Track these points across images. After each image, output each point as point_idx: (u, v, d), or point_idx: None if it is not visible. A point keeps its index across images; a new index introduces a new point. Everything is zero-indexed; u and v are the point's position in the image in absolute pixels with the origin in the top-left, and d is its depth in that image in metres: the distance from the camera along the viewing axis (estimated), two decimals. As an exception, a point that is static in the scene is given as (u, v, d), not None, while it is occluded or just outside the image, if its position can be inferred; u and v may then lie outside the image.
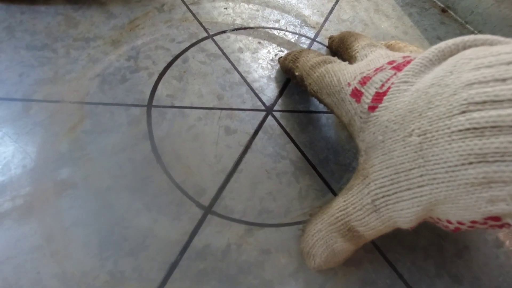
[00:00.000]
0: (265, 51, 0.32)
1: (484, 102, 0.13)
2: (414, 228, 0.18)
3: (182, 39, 0.32)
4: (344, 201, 0.20)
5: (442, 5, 0.40)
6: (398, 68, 0.19)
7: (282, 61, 0.30)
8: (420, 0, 0.40)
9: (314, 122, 0.29)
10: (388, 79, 0.19)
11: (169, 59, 0.30)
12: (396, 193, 0.16)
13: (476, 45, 0.17)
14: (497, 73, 0.13)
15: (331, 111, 0.23)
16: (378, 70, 0.20)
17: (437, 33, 0.37)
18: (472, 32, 0.38)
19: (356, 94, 0.20)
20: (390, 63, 0.20)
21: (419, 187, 0.15)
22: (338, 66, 0.23)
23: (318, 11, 0.37)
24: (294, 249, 0.23)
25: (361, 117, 0.19)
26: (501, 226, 0.15)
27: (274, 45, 0.33)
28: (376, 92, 0.19)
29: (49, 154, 0.24)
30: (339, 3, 0.39)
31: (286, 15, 0.36)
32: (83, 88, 0.27)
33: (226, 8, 0.35)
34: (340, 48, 0.29)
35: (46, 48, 0.28)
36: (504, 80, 0.13)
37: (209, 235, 0.22)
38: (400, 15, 0.38)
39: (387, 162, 0.17)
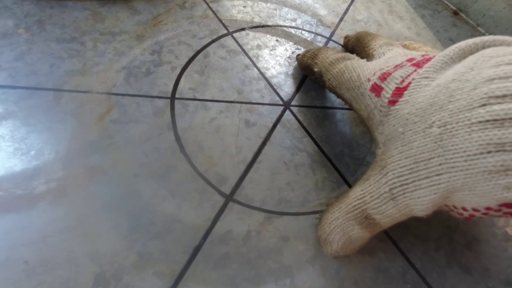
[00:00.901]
0: (282, 48, 0.34)
1: (505, 95, 0.14)
2: (428, 216, 0.19)
3: (203, 35, 0.33)
4: (362, 190, 0.21)
5: (454, 8, 0.41)
6: (418, 65, 0.20)
7: (300, 58, 0.31)
8: (433, 3, 0.41)
9: (330, 117, 0.30)
10: (409, 75, 0.20)
11: (191, 54, 0.31)
12: (414, 181, 0.18)
13: (495, 45, 0.18)
14: None
15: (349, 105, 0.24)
16: (397, 66, 0.21)
17: (449, 35, 0.38)
18: (483, 35, 0.39)
19: (376, 89, 0.21)
20: (409, 60, 0.21)
21: (437, 175, 0.16)
22: (357, 63, 0.24)
23: (333, 11, 0.38)
24: (311, 237, 0.24)
25: (380, 111, 0.20)
26: None
27: (291, 43, 0.34)
28: (397, 87, 0.20)
29: (80, 141, 0.25)
30: (354, 3, 0.40)
31: (303, 14, 0.37)
32: (110, 80, 0.28)
33: (244, 7, 0.36)
34: (357, 47, 0.30)
35: (75, 41, 0.30)
36: None
37: (231, 222, 0.24)
38: (413, 17, 0.39)
39: (406, 153, 0.18)
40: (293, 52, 0.33)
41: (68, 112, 0.26)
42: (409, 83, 0.19)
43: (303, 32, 0.35)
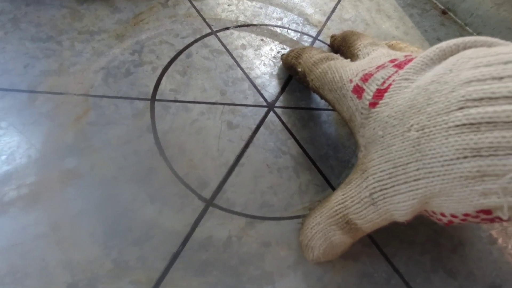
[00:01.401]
0: (267, 48, 0.33)
1: (481, 99, 0.14)
2: (409, 221, 0.18)
3: (186, 34, 0.32)
4: (343, 194, 0.20)
5: (442, 7, 0.41)
6: (399, 66, 0.19)
7: (284, 58, 0.30)
8: (421, 2, 0.41)
9: (315, 118, 0.29)
10: (390, 77, 0.19)
11: (173, 54, 0.30)
12: (393, 186, 0.17)
13: (476, 46, 0.17)
14: (494, 72, 0.14)
15: (332, 107, 0.24)
16: (380, 67, 0.21)
17: (438, 34, 0.38)
18: (471, 34, 0.39)
19: (358, 91, 0.21)
20: (392, 61, 0.21)
21: (415, 180, 0.16)
22: (340, 63, 0.23)
23: (320, 10, 0.38)
24: (293, 242, 0.23)
25: (362, 113, 0.20)
26: (492, 220, 0.15)
27: (276, 42, 0.33)
28: (378, 89, 0.19)
29: (55, 144, 0.24)
30: (341, 2, 0.39)
31: (289, 13, 0.36)
32: (87, 81, 0.27)
33: (229, 5, 0.35)
34: (342, 47, 0.30)
35: (51, 40, 0.29)
36: (501, 78, 0.14)
37: (211, 227, 0.23)
38: (401, 16, 0.39)
39: (386, 157, 0.17)
40: (278, 52, 0.33)
41: (42, 114, 0.25)
42: (390, 84, 0.19)
43: (289, 31, 0.35)
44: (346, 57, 0.27)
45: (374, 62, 0.22)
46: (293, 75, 0.30)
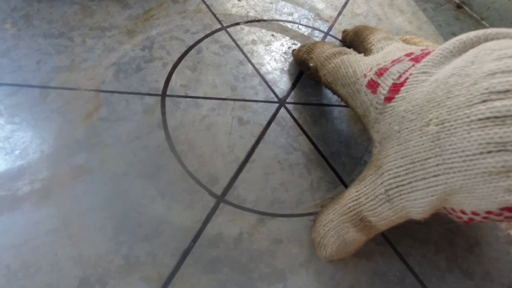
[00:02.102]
0: (278, 43, 0.32)
1: (507, 91, 0.13)
2: (426, 219, 0.18)
3: (196, 30, 0.32)
4: (357, 191, 0.20)
5: (457, 1, 0.40)
6: (416, 59, 0.19)
7: (296, 53, 0.30)
8: (435, -5, 0.40)
9: (326, 115, 0.29)
10: (406, 70, 0.19)
11: (183, 49, 0.30)
12: (410, 182, 0.17)
13: (498, 38, 0.16)
14: None
15: (345, 102, 0.23)
16: (395, 61, 0.20)
17: (452, 29, 0.37)
18: (487, 28, 0.37)
19: (372, 85, 0.20)
20: (407, 55, 0.20)
21: (434, 176, 0.15)
22: (353, 57, 0.23)
23: (331, 5, 0.37)
24: (305, 239, 0.23)
25: (376, 108, 0.19)
26: None
27: (287, 38, 0.33)
28: (393, 83, 0.19)
29: (66, 140, 0.24)
30: (353, -3, 0.38)
31: (300, 8, 0.36)
32: (98, 77, 0.27)
33: (239, 0, 0.35)
34: (355, 41, 0.29)
35: (63, 36, 0.29)
36: None
37: (222, 224, 0.23)
38: (415, 10, 0.38)
39: (402, 152, 0.17)
40: (289, 47, 0.32)
41: (54, 109, 0.25)
42: (406, 78, 0.18)
43: (300, 26, 0.34)
44: (359, 52, 0.26)
45: (389, 56, 0.21)
46: (304, 71, 0.30)
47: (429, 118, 0.16)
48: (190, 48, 0.31)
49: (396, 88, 0.18)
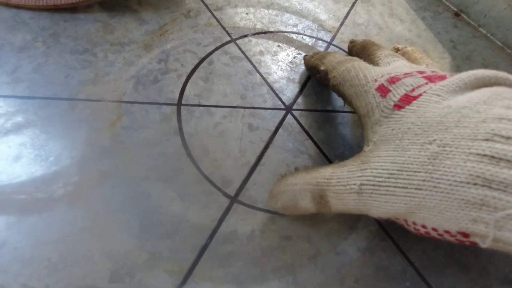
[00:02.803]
0: (284, 54, 0.35)
1: (509, 137, 0.15)
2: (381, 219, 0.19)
3: (207, 42, 0.34)
4: (332, 172, 0.21)
5: (455, 9, 0.41)
6: (429, 79, 0.20)
7: (308, 58, 0.32)
8: (434, 4, 0.42)
9: (331, 120, 0.31)
10: (419, 86, 0.20)
11: (196, 61, 0.33)
12: (388, 186, 0.18)
13: (505, 84, 0.18)
14: None
15: (348, 103, 0.25)
16: (407, 74, 0.22)
17: (450, 36, 0.39)
18: (485, 36, 0.39)
19: (383, 90, 0.21)
20: (419, 72, 0.22)
21: (416, 189, 0.17)
22: (364, 65, 0.25)
23: (334, 15, 0.39)
24: (313, 236, 0.25)
25: (382, 111, 0.21)
26: (463, 242, 0.17)
27: (292, 48, 0.35)
28: (406, 94, 0.20)
29: (93, 147, 0.27)
30: (354, 7, 0.40)
31: (304, 19, 0.38)
32: (120, 88, 0.30)
33: (247, 14, 0.37)
34: (362, 54, 0.31)
35: (87, 52, 0.31)
36: None
37: (235, 222, 0.25)
38: (414, 19, 0.40)
39: (395, 158, 0.18)
40: (294, 57, 0.35)
41: (82, 119, 0.28)
42: (420, 94, 0.19)
43: (304, 37, 0.36)
44: None
45: (399, 69, 0.23)
46: (312, 75, 0.32)
47: (433, 138, 0.17)
48: (202, 60, 0.33)
49: (408, 99, 0.20)
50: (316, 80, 0.32)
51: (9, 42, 0.31)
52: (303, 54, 0.35)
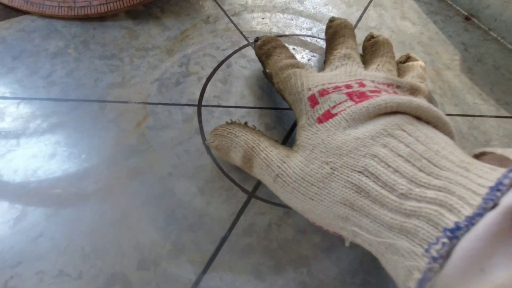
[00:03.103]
0: (299, 56, 0.36)
1: (372, 174, 0.19)
2: None
3: (226, 46, 0.36)
4: (267, 147, 0.24)
5: (466, 13, 0.42)
6: (350, 95, 0.23)
7: (257, 49, 0.31)
8: (445, 8, 0.42)
9: (344, 121, 0.32)
10: (340, 103, 0.22)
11: (215, 64, 0.35)
12: (293, 188, 0.22)
13: (407, 110, 0.21)
14: (397, 166, 0.18)
15: (290, 107, 0.27)
16: (336, 88, 0.24)
17: (461, 39, 0.39)
18: (495, 39, 0.40)
19: (313, 100, 0.24)
20: (347, 86, 0.24)
21: (310, 198, 0.21)
22: (304, 73, 0.26)
23: (347, 19, 0.40)
24: (326, 230, 0.26)
25: (308, 119, 0.23)
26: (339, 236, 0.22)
27: (307, 50, 0.37)
28: (327, 110, 0.23)
29: (121, 146, 0.29)
30: (367, 11, 0.42)
31: (318, 23, 0.39)
32: (145, 91, 0.32)
33: (263, 18, 0.39)
34: (327, 44, 0.32)
35: (114, 57, 0.34)
36: (395, 169, 0.18)
37: (253, 216, 0.26)
38: (426, 22, 0.41)
39: (303, 166, 0.21)
40: (309, 59, 0.36)
41: (110, 120, 0.30)
42: (337, 113, 0.22)
43: (318, 40, 0.38)
44: (325, 57, 0.30)
45: (334, 79, 0.25)
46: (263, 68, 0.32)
47: (330, 160, 0.20)
48: (221, 63, 0.35)
49: (328, 115, 0.22)
50: (264, 75, 0.32)
51: (44, 49, 0.33)
52: (317, 56, 0.36)
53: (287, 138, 0.30)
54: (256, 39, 0.31)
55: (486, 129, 0.32)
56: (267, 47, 0.30)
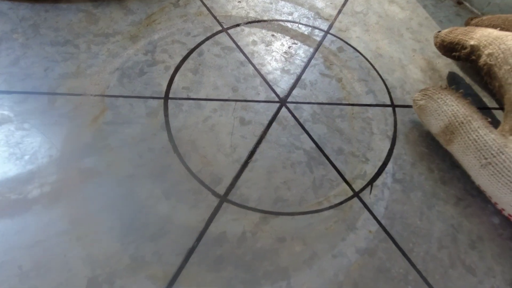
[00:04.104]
0: (278, 43, 0.33)
1: None
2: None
3: (197, 33, 0.32)
4: (479, 127, 0.21)
5: (458, -4, 0.39)
6: None
7: (445, 33, 0.29)
8: (436, -9, 0.40)
9: (327, 113, 0.29)
10: None
11: (185, 52, 0.31)
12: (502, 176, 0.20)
13: None
14: None
15: (496, 86, 0.24)
16: None
17: (453, 25, 0.37)
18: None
19: None
20: None
21: None
22: None
23: (331, 3, 0.37)
24: (308, 237, 0.23)
25: None
26: None
27: (287, 37, 0.33)
28: None
29: (74, 144, 0.25)
30: (353, -5, 0.38)
31: (300, 7, 0.36)
32: (103, 82, 0.28)
33: (239, 2, 0.36)
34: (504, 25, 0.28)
35: (69, 43, 0.30)
36: None
37: (225, 223, 0.23)
38: (415, 7, 0.38)
39: None
40: (289, 47, 0.33)
41: (62, 115, 0.26)
42: None
43: (299, 26, 0.34)
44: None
45: None
46: (446, 53, 0.30)
47: None
48: (192, 51, 0.31)
49: None
50: (452, 59, 0.30)
51: (-15, 33, 0.29)
52: (299, 43, 0.33)
53: (265, 134, 0.27)
54: (438, 32, 0.30)
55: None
56: (460, 29, 0.28)
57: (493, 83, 0.24)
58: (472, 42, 0.26)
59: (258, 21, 0.34)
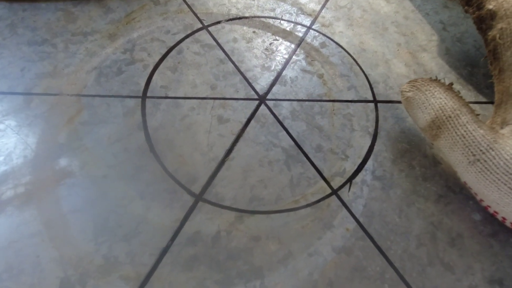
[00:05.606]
0: (259, 40, 0.32)
1: None
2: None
3: (177, 30, 0.32)
4: (469, 122, 0.20)
5: (446, -12, 0.38)
6: None
7: None
8: (422, -17, 0.39)
9: (307, 110, 0.29)
10: None
11: (164, 50, 0.31)
12: (500, 178, 0.19)
13: None
14: None
15: (497, 69, 0.23)
16: None
17: (440, 17, 0.36)
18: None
19: None
20: None
21: (510, 188, 0.19)
22: None
23: (316, -2, 0.37)
24: (284, 236, 0.23)
25: None
26: None
27: (269, 34, 0.33)
28: None
29: (49, 144, 0.25)
30: (337, -11, 0.38)
31: (282, 3, 0.36)
32: (80, 81, 0.28)
33: (222, -1, 0.35)
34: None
35: (46, 43, 0.29)
36: None
37: (200, 222, 0.23)
38: (401, 0, 0.37)
39: None
40: (270, 44, 0.32)
41: (37, 115, 0.26)
42: None
43: (282, 22, 0.34)
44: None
45: None
46: (464, 5, 0.27)
47: None
48: (171, 49, 0.31)
49: None
50: (468, 13, 0.27)
51: (-39, 34, 0.29)
52: (280, 40, 0.32)
53: (242, 132, 0.27)
54: None
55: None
56: None
57: (494, 65, 0.23)
58: (491, 6, 0.23)
59: (240, 18, 0.34)
